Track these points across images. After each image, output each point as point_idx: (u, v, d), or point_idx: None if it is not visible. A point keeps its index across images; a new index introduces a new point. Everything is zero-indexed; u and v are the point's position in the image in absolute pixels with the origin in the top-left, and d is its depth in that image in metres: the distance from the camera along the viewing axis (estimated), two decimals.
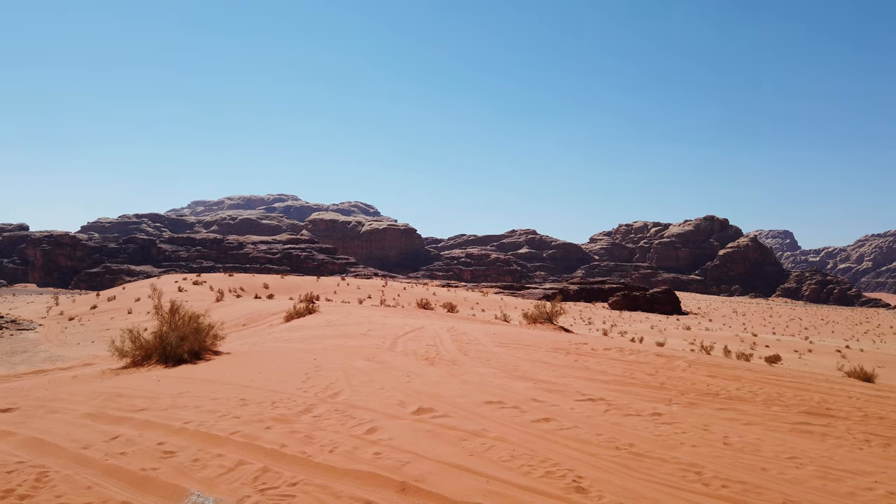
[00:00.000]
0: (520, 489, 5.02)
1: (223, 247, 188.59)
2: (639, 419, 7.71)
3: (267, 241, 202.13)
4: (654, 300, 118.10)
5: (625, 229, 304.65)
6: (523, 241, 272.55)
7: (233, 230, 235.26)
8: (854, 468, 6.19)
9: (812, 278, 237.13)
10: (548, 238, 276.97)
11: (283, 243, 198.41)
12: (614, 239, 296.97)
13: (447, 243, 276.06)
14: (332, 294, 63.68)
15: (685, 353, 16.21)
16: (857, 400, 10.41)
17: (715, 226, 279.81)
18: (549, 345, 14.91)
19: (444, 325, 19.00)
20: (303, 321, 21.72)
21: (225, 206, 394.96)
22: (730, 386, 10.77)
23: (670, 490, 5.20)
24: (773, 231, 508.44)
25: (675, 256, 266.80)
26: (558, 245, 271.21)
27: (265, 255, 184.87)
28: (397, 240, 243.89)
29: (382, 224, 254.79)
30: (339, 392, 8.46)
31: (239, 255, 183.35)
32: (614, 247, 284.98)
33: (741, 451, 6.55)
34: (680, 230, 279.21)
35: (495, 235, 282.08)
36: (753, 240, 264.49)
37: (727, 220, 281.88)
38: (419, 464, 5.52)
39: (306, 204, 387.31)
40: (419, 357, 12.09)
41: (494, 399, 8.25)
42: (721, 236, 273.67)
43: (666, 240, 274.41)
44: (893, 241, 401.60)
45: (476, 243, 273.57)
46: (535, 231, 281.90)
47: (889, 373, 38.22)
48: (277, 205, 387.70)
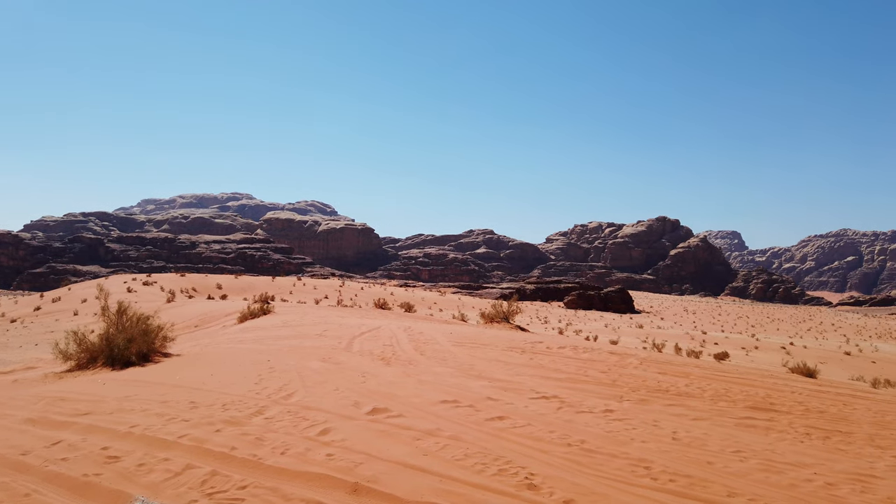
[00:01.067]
0: (472, 487, 5.04)
1: (175, 246, 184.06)
2: (591, 416, 7.84)
3: (221, 240, 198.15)
4: (608, 299, 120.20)
5: (580, 229, 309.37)
6: (481, 241, 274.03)
7: (185, 229, 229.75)
8: (795, 461, 6.42)
9: (758, 277, 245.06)
10: (505, 238, 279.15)
11: (238, 243, 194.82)
12: (570, 239, 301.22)
13: (405, 243, 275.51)
14: (287, 294, 62.81)
15: (637, 351, 16.55)
16: (799, 395, 10.80)
17: (667, 226, 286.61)
18: (505, 344, 15.02)
19: (402, 325, 18.95)
20: (257, 322, 21.35)
21: (177, 204, 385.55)
22: (679, 382, 11.03)
23: (620, 485, 5.30)
24: (721, 232, 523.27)
25: (629, 256, 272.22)
26: (515, 245, 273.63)
27: (219, 255, 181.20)
28: (355, 239, 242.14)
29: (340, 223, 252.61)
30: (293, 393, 8.35)
31: (191, 254, 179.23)
32: (570, 247, 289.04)
33: (689, 445, 6.72)
34: (633, 231, 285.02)
35: (453, 235, 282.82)
36: (703, 240, 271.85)
37: (678, 221, 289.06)
38: (372, 464, 5.49)
39: (261, 203, 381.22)
40: (375, 357, 12.02)
41: (450, 398, 8.26)
42: (672, 237, 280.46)
43: (620, 240, 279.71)
44: (835, 241, 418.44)
45: (434, 243, 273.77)
46: (493, 231, 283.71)
47: (830, 368, 39.79)
48: (231, 203, 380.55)
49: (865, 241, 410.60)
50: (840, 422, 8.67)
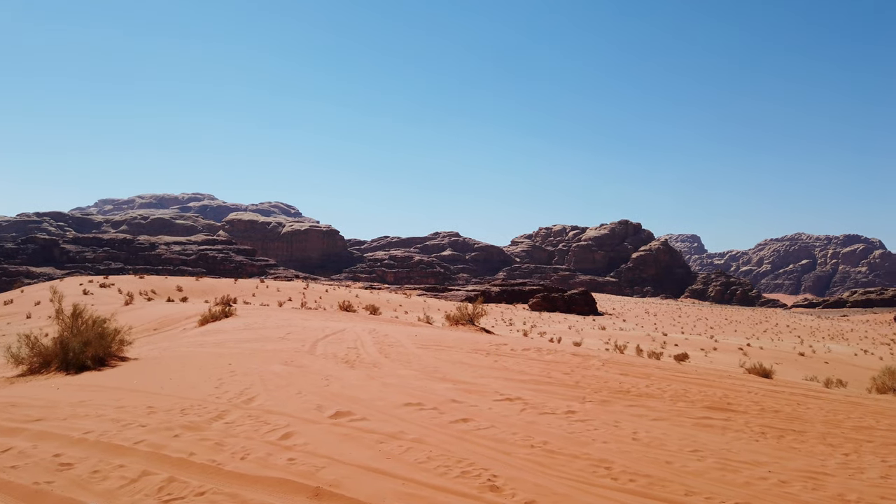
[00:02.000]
0: (435, 490, 5.04)
1: (133, 248, 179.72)
2: (553, 417, 7.91)
3: (181, 241, 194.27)
4: (571, 301, 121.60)
5: (545, 232, 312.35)
6: (446, 244, 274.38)
7: (144, 230, 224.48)
8: (750, 459, 6.58)
9: (717, 280, 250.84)
10: (471, 240, 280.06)
11: (199, 244, 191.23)
12: (535, 242, 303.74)
13: (370, 245, 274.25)
14: (250, 297, 61.87)
15: (600, 353, 16.77)
16: (755, 395, 11.08)
17: (629, 230, 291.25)
18: (469, 346, 15.06)
19: (366, 328, 18.85)
20: (218, 325, 20.98)
21: (136, 204, 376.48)
22: (640, 383, 11.21)
23: (581, 485, 5.36)
24: (682, 235, 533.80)
25: (592, 259, 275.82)
26: (481, 247, 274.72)
27: (179, 257, 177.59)
28: (319, 241, 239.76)
29: (304, 225, 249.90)
30: (254, 397, 8.22)
31: (151, 256, 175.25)
32: (535, 249, 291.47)
33: (648, 445, 6.83)
34: (596, 234, 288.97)
35: (419, 237, 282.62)
36: (664, 243, 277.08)
37: (640, 225, 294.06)
38: (335, 468, 5.44)
39: (223, 204, 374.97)
40: (339, 360, 11.92)
41: (414, 401, 8.24)
42: (634, 240, 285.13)
43: (583, 243, 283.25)
44: (790, 245, 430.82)
45: (399, 245, 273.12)
46: (459, 233, 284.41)
47: (785, 369, 40.95)
48: (193, 204, 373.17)
49: (819, 244, 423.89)
50: (794, 421, 8.91)
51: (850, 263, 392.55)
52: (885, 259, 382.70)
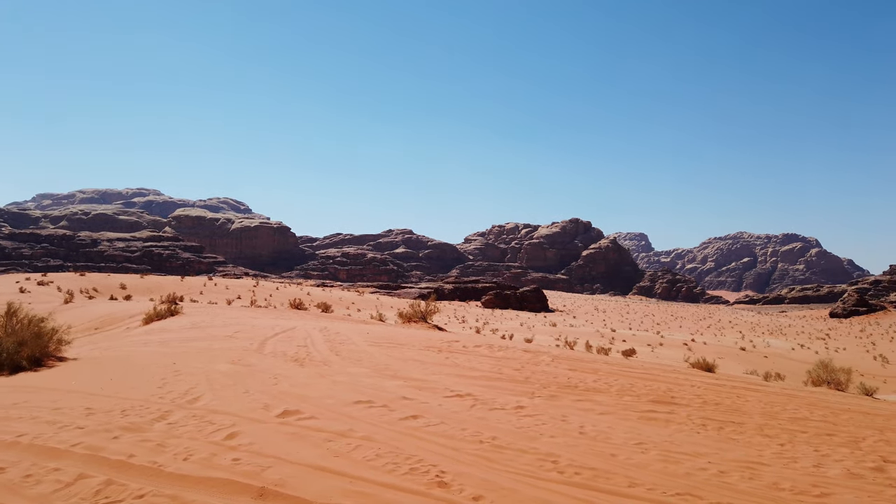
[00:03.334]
0: (383, 487, 5.02)
1: (74, 244, 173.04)
2: (503, 413, 7.98)
3: (125, 238, 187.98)
4: (523, 298, 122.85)
5: (498, 230, 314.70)
6: (400, 241, 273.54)
7: (85, 226, 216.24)
8: (691, 451, 6.78)
9: (663, 277, 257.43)
10: (424, 238, 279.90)
11: (144, 241, 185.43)
12: (488, 239, 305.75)
13: (322, 242, 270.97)
14: (197, 295, 60.39)
15: (550, 349, 17.00)
16: (697, 388, 11.41)
17: (579, 228, 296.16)
18: (422, 343, 15.05)
19: (317, 326, 18.64)
20: (164, 323, 20.41)
21: (76, 199, 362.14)
22: (588, 378, 11.42)
23: (527, 479, 5.42)
24: (630, 233, 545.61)
25: (544, 257, 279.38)
26: (434, 245, 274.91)
27: (123, 254, 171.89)
28: (270, 238, 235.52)
29: (254, 222, 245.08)
30: (199, 397, 8.03)
31: (92, 253, 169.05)
32: (488, 247, 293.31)
33: (594, 439, 6.96)
34: (548, 232, 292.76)
35: (372, 235, 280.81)
36: (613, 241, 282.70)
37: (590, 223, 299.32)
38: (281, 468, 5.36)
39: (170, 199, 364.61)
40: (289, 359, 11.75)
41: (364, 399, 8.19)
42: (585, 238, 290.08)
43: (535, 241, 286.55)
44: (732, 243, 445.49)
45: (352, 242, 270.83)
46: (412, 231, 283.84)
47: (727, 363, 42.36)
48: (137, 199, 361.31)
49: (759, 243, 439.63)
50: (733, 413, 9.22)
51: (788, 261, 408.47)
52: (820, 257, 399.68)
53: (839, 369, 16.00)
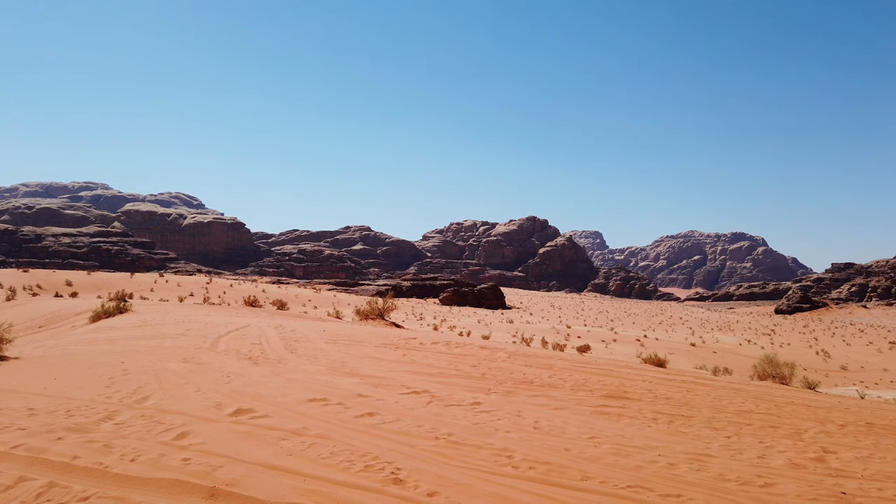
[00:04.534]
0: (337, 485, 4.97)
1: (17, 239, 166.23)
2: (459, 409, 8.01)
3: (71, 233, 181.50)
4: (481, 296, 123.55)
5: (456, 227, 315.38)
6: (358, 238, 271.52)
7: (29, 221, 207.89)
8: (642, 444, 6.93)
9: (617, 275, 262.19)
10: (382, 235, 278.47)
11: (91, 236, 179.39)
12: (446, 237, 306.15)
13: (278, 238, 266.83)
14: (148, 292, 58.76)
15: (507, 346, 17.14)
16: (649, 383, 11.67)
17: (536, 226, 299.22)
18: (379, 340, 15.00)
19: (273, 323, 18.37)
20: (112, 321, 19.81)
21: (19, 193, 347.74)
22: (543, 374, 11.55)
23: (483, 475, 5.45)
24: (585, 231, 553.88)
25: (501, 254, 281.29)
26: (392, 242, 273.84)
27: (69, 250, 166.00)
28: (224, 234, 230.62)
29: (207, 217, 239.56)
30: (148, 396, 7.82)
31: (36, 248, 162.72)
32: (446, 244, 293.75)
33: (549, 434, 7.05)
34: (505, 229, 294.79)
35: (329, 231, 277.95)
36: (569, 239, 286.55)
37: (547, 221, 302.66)
38: (233, 467, 5.26)
39: (119, 194, 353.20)
40: (242, 356, 11.56)
41: (319, 396, 8.11)
42: (541, 236, 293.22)
43: (493, 238, 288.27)
44: (683, 241, 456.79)
45: (309, 239, 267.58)
46: (370, 228, 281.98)
47: (678, 358, 43.45)
48: (85, 194, 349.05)
49: (709, 241, 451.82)
50: (683, 407, 9.46)
51: (736, 259, 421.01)
52: (767, 255, 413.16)
53: (783, 364, 16.55)
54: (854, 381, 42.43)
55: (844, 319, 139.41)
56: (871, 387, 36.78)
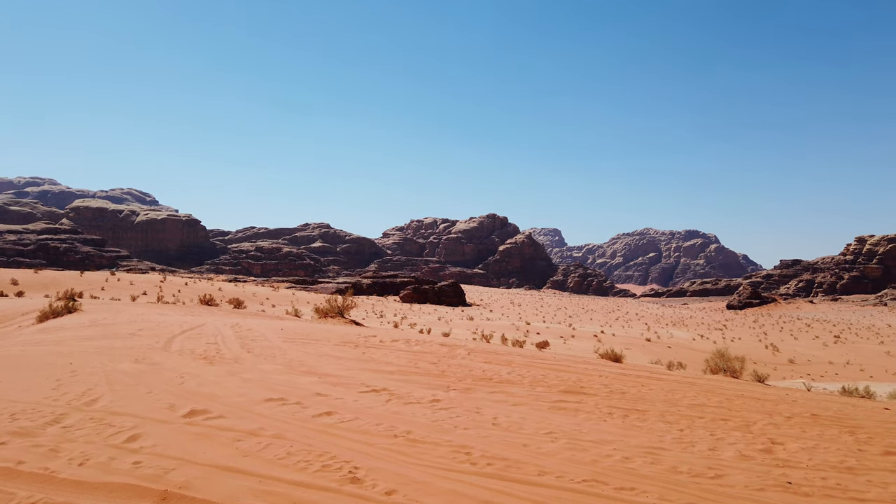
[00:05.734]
0: (294, 486, 4.92)
1: None
2: (418, 406, 8.01)
3: (17, 230, 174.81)
4: (442, 293, 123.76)
5: (416, 225, 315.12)
6: (317, 235, 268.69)
7: None
8: (598, 438, 7.05)
9: (576, 272, 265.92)
10: (342, 232, 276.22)
11: (38, 233, 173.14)
12: (406, 234, 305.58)
13: (235, 236, 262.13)
14: (99, 291, 57.03)
15: (467, 343, 17.22)
16: (605, 378, 11.88)
17: (496, 223, 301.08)
18: (338, 339, 14.89)
19: (229, 322, 18.05)
20: (61, 321, 19.16)
21: None
22: (502, 371, 11.64)
23: (441, 472, 5.47)
24: (545, 229, 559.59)
25: (462, 251, 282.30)
26: (352, 239, 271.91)
27: (14, 247, 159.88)
28: (178, 232, 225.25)
29: (161, 214, 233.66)
30: (98, 398, 7.60)
31: None
32: (406, 242, 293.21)
33: (507, 430, 7.11)
34: (466, 227, 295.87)
35: (287, 229, 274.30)
36: (529, 237, 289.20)
37: (507, 219, 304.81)
38: (186, 469, 5.15)
39: (68, 189, 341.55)
40: (197, 356, 11.32)
41: (276, 396, 8.01)
42: (501, 233, 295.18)
43: (453, 236, 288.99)
44: (639, 239, 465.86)
45: (267, 236, 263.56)
46: (329, 225, 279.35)
47: (634, 353, 44.32)
48: (31, 189, 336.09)
49: (664, 239, 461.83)
50: (638, 401, 9.66)
51: (690, 256, 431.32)
52: (719, 252, 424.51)
53: (734, 358, 17.03)
54: (801, 374, 44.02)
55: (792, 314, 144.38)
56: (817, 379, 38.18)
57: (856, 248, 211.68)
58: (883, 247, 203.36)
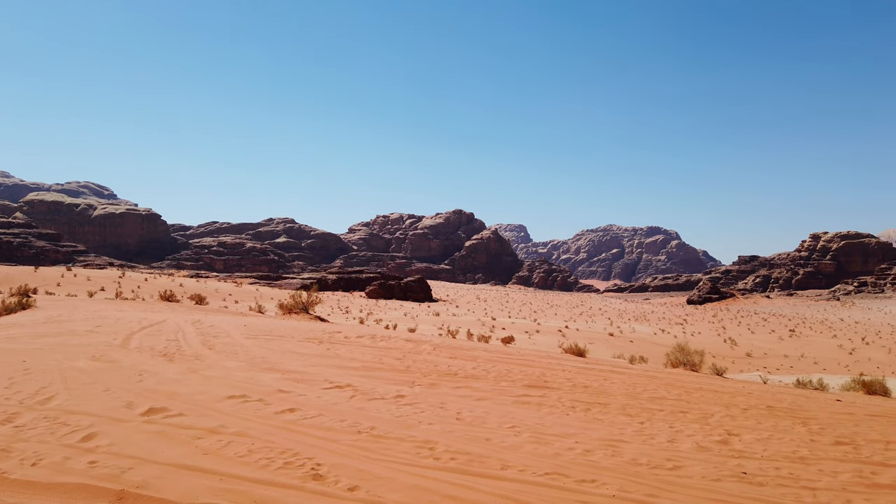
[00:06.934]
0: (255, 483, 4.87)
1: None
2: (383, 402, 7.99)
3: None
4: (408, 289, 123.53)
5: (382, 220, 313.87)
6: (281, 230, 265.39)
7: None
8: (560, 432, 7.14)
9: (541, 267, 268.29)
10: (307, 227, 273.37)
11: None
12: (372, 230, 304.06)
13: (197, 231, 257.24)
14: (54, 287, 55.40)
15: (432, 338, 17.24)
16: (569, 372, 12.02)
17: (462, 219, 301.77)
18: (302, 335, 14.75)
19: (190, 319, 17.74)
20: (13, 318, 18.57)
21: None
22: (468, 366, 11.69)
23: (404, 467, 5.47)
24: (510, 225, 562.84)
25: (428, 247, 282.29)
26: (318, 234, 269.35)
27: None
28: (138, 226, 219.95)
29: (120, 208, 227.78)
30: (53, 397, 7.39)
31: None
32: (372, 237, 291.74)
33: (471, 424, 7.15)
34: (432, 223, 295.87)
35: (251, 223, 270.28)
36: (494, 232, 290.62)
37: (473, 215, 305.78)
38: (143, 469, 5.05)
39: (21, 182, 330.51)
40: (156, 354, 11.10)
41: (238, 393, 7.90)
42: (468, 229, 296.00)
43: (420, 231, 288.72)
44: (603, 235, 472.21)
45: (230, 231, 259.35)
46: (294, 220, 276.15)
47: (597, 348, 44.93)
48: None
49: (627, 235, 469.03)
50: (600, 395, 9.81)
51: (652, 252, 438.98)
52: (680, 249, 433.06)
53: (694, 352, 17.41)
54: (758, 366, 45.22)
55: (749, 309, 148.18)
56: (773, 372, 39.28)
57: (810, 245, 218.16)
58: (836, 243, 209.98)
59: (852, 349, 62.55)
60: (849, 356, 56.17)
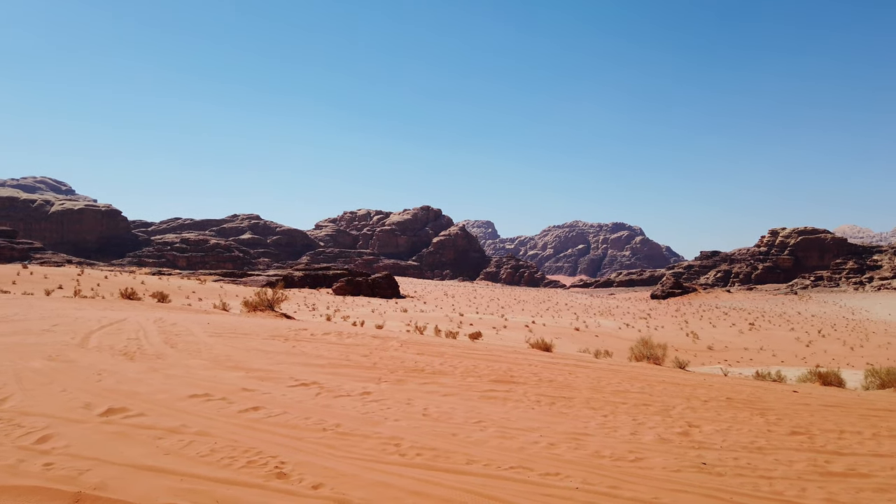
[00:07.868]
0: (217, 483, 4.80)
1: None
2: (348, 399, 7.96)
3: None
4: (375, 285, 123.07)
5: (349, 216, 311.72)
6: (246, 227, 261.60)
7: None
8: (525, 426, 7.20)
9: (508, 263, 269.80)
10: (272, 224, 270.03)
11: None
12: (339, 226, 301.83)
13: (159, 227, 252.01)
14: (10, 285, 53.69)
15: (399, 335, 17.21)
16: (535, 367, 12.14)
17: (430, 215, 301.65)
18: (267, 332, 14.59)
19: (152, 317, 17.39)
20: None
21: None
22: (435, 362, 11.71)
23: (370, 464, 5.46)
24: (478, 221, 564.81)
25: (395, 243, 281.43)
26: (283, 231, 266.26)
27: None
28: (97, 223, 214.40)
29: (78, 204, 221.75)
30: (7, 398, 7.17)
31: None
32: (339, 234, 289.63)
33: (437, 420, 7.17)
34: (399, 219, 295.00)
35: (215, 220, 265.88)
36: (462, 229, 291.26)
37: (440, 211, 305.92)
38: (101, 470, 4.93)
39: None
40: (116, 353, 10.85)
41: (201, 392, 7.78)
42: (435, 225, 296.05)
43: (387, 227, 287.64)
44: (569, 231, 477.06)
45: (193, 227, 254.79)
46: (259, 216, 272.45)
47: (564, 343, 45.41)
48: None
49: (592, 231, 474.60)
50: (565, 389, 9.92)
51: (617, 248, 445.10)
52: (644, 244, 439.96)
53: (657, 346, 17.73)
54: (719, 359, 46.26)
55: (711, 303, 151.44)
56: (734, 365, 40.19)
57: (769, 241, 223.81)
58: (794, 239, 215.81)
59: (809, 342, 64.47)
60: (806, 348, 57.86)
